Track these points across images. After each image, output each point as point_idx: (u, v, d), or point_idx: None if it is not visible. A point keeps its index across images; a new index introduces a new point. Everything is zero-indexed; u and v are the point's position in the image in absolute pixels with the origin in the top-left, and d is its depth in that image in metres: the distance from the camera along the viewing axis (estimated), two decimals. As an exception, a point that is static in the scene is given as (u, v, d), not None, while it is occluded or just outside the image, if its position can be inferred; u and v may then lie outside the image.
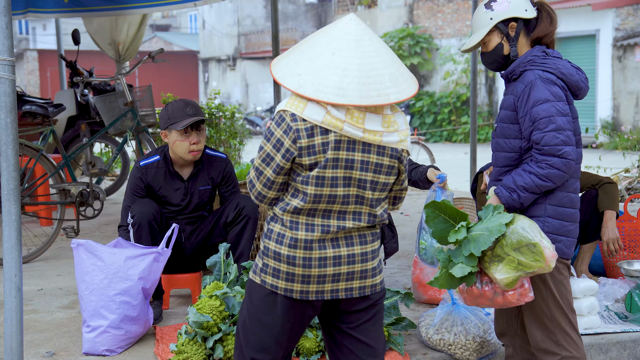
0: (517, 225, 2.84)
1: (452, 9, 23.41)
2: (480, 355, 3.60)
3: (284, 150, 2.39)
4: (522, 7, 3.10)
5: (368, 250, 2.49)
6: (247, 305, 2.55)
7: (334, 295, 2.46)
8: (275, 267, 2.45)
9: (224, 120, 9.80)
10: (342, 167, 2.40)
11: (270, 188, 2.45)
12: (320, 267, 2.42)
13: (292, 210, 2.43)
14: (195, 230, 4.31)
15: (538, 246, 2.79)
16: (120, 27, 8.32)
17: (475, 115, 7.47)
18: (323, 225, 2.43)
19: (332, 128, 2.36)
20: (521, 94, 3.02)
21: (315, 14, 34.17)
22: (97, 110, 6.97)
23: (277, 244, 2.45)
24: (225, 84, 34.36)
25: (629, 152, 9.37)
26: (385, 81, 2.38)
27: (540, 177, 2.93)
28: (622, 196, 7.73)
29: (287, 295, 2.45)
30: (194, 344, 3.44)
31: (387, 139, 2.42)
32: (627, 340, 3.89)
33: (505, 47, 3.13)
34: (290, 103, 2.41)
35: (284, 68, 2.43)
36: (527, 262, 2.81)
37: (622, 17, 18.45)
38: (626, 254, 4.61)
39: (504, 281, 2.86)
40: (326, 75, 2.35)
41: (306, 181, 2.40)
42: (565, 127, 2.92)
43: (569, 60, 3.11)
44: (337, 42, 2.38)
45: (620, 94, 18.40)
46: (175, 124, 4.08)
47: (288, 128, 2.39)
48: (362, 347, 2.53)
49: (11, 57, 2.90)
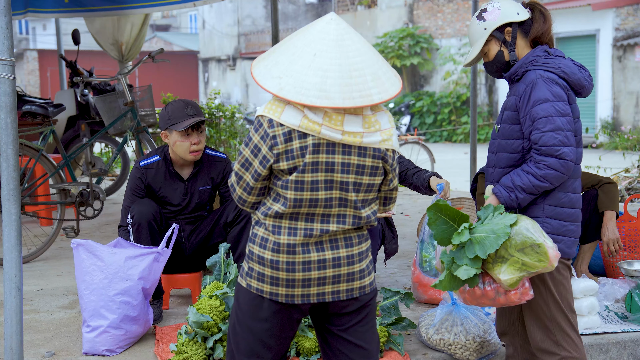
0: (521, 226, 2.84)
1: (452, 9, 23.40)
2: (480, 355, 3.60)
3: (261, 157, 2.37)
4: (513, 11, 3.11)
5: (355, 253, 2.46)
6: (236, 310, 2.54)
7: (320, 299, 2.44)
8: (260, 271, 2.44)
9: (224, 120, 9.81)
10: (323, 170, 2.37)
11: (250, 193, 2.44)
12: (305, 270, 2.40)
13: (273, 214, 2.41)
14: (195, 230, 4.31)
15: (542, 247, 2.81)
16: (123, 27, 8.32)
17: (475, 115, 7.47)
18: (306, 229, 2.41)
19: (310, 132, 2.33)
20: (522, 94, 3.02)
21: (315, 14, 34.16)
22: (97, 110, 6.97)
23: (261, 248, 2.43)
24: (225, 84, 34.36)
25: (629, 152, 9.37)
26: (367, 81, 2.34)
27: (537, 177, 2.93)
28: (622, 196, 7.72)
29: (272, 299, 2.43)
30: (194, 344, 3.44)
31: (368, 140, 2.38)
32: (627, 340, 3.89)
33: (505, 53, 3.14)
34: (268, 108, 2.39)
35: (263, 71, 2.40)
36: (531, 263, 2.83)
37: (622, 17, 18.44)
38: (626, 254, 4.61)
39: (508, 282, 2.87)
40: (307, 78, 2.31)
41: (285, 186, 2.38)
42: (564, 128, 2.92)
43: (571, 59, 3.10)
44: (317, 43, 2.35)
45: (620, 94, 18.40)
46: (175, 124, 4.08)
47: (265, 134, 2.37)
48: (355, 349, 2.51)
49: (11, 57, 2.90)
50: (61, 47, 8.97)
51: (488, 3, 3.17)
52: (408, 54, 23.28)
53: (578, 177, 3.08)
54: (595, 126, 18.05)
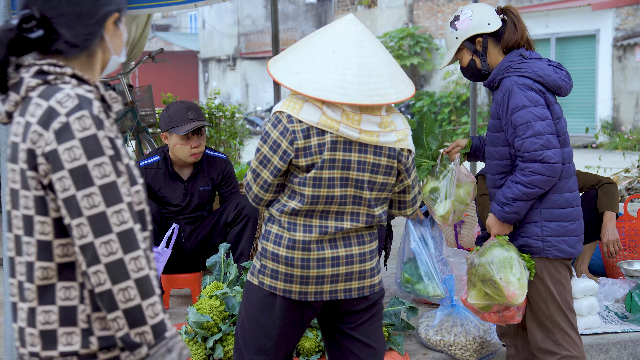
0: (487, 259, 3.00)
1: (452, 9, 23.38)
2: (480, 356, 3.60)
3: (281, 152, 2.38)
4: (484, 21, 3.11)
5: (366, 251, 2.48)
6: (245, 307, 2.54)
7: (332, 297, 2.45)
8: (273, 268, 2.44)
9: (224, 120, 9.80)
10: (339, 168, 2.39)
11: (267, 190, 2.45)
12: (319, 267, 2.42)
13: (289, 211, 2.42)
14: (195, 230, 4.30)
15: (498, 284, 2.96)
16: (128, 28, 8.32)
17: (475, 115, 7.46)
18: (321, 226, 2.42)
19: (328, 129, 2.36)
20: (501, 102, 3.05)
21: (315, 14, 34.16)
22: (97, 110, 6.96)
23: (275, 245, 2.44)
24: (225, 84, 34.36)
25: (629, 152, 9.37)
26: (385, 81, 2.38)
27: (525, 184, 2.95)
28: (622, 196, 7.72)
29: (285, 296, 2.44)
30: (194, 344, 3.44)
31: (384, 139, 2.41)
32: (627, 340, 3.89)
33: (477, 62, 3.16)
34: (286, 104, 2.41)
35: (281, 68, 2.43)
36: (492, 295, 3.01)
37: (622, 17, 18.44)
38: (626, 254, 4.61)
39: (476, 305, 3.08)
40: (327, 74, 2.34)
41: (303, 182, 2.39)
42: (544, 132, 2.93)
43: (548, 59, 3.11)
44: (337, 42, 2.38)
45: (620, 94, 18.40)
46: (176, 127, 4.07)
47: (285, 129, 2.38)
48: (362, 347, 2.53)
49: (11, 57, 2.90)
50: (61, 47, 8.96)
51: (461, 10, 3.18)
52: (408, 54, 23.28)
53: (571, 175, 3.09)
54: (595, 126, 18.03)
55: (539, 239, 3.04)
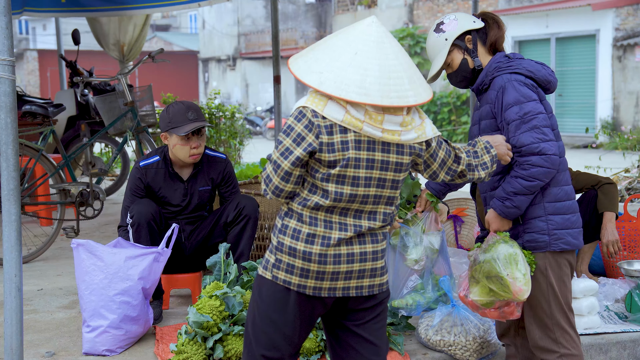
0: (492, 255, 3.00)
1: (452, 9, 23.41)
2: (480, 356, 3.60)
3: (306, 144, 2.40)
4: (469, 20, 3.21)
5: (379, 249, 2.51)
6: (257, 302, 2.54)
7: (345, 293, 2.48)
8: (289, 262, 2.45)
9: (224, 121, 9.81)
10: (364, 167, 2.43)
11: (287, 181, 2.44)
12: (335, 263, 2.43)
13: (312, 205, 2.44)
14: (195, 230, 4.30)
15: (505, 280, 2.96)
16: (125, 28, 8.33)
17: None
18: (340, 223, 2.45)
19: (352, 127, 2.39)
20: (495, 100, 3.11)
21: (315, 14, 34.17)
22: (97, 110, 6.96)
23: (293, 239, 2.45)
24: (225, 84, 34.37)
25: (629, 152, 9.37)
26: (404, 84, 2.41)
27: (525, 178, 2.99)
28: (622, 196, 7.72)
29: (300, 291, 2.45)
30: (194, 344, 3.44)
31: (405, 137, 2.45)
32: (627, 340, 3.89)
33: (469, 60, 3.22)
34: (310, 100, 2.43)
35: (302, 66, 2.45)
36: (497, 291, 3.01)
37: (622, 17, 18.44)
38: (626, 254, 4.61)
39: (478, 302, 3.08)
40: (348, 74, 2.37)
41: (327, 179, 2.42)
42: (539, 125, 2.99)
43: (531, 59, 3.20)
44: (358, 43, 2.41)
45: (620, 94, 18.40)
46: (176, 128, 4.07)
47: (310, 123, 2.40)
48: (367, 345, 2.54)
49: (11, 57, 2.90)
50: (61, 47, 8.97)
51: (442, 17, 3.27)
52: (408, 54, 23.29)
53: (566, 169, 3.15)
54: (595, 126, 18.04)
55: (545, 233, 3.07)
